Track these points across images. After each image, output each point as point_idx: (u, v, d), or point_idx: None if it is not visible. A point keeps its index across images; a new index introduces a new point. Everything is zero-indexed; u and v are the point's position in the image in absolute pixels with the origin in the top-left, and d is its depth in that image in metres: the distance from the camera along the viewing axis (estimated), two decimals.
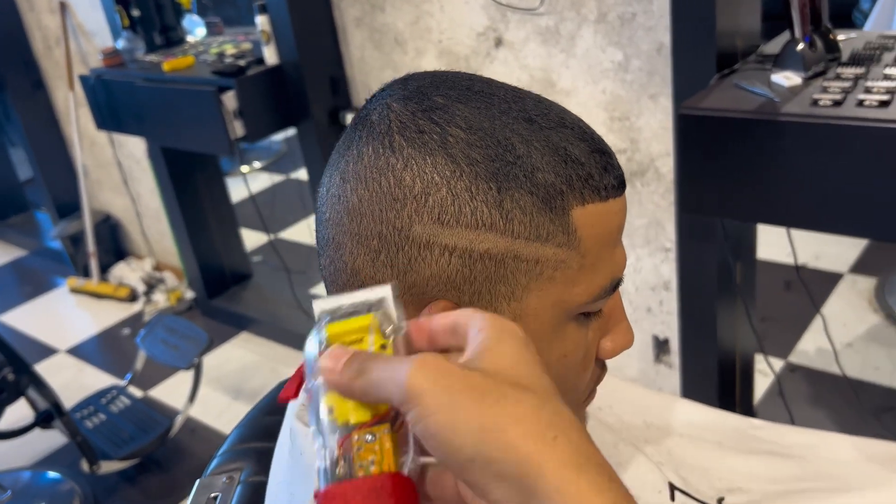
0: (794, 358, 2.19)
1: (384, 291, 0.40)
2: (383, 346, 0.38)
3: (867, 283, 2.47)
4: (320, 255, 0.52)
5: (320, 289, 2.89)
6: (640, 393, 0.82)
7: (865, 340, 2.21)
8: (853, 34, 1.49)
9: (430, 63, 1.93)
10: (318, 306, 0.41)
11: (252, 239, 3.21)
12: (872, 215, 1.15)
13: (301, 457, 0.51)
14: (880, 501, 0.74)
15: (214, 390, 2.48)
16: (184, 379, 2.39)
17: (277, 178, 4.02)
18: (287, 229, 3.38)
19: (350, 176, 0.48)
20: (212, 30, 2.62)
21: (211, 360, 2.57)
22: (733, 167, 1.25)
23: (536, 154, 0.46)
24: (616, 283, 0.50)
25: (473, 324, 0.38)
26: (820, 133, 1.14)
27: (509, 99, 0.49)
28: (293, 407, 0.55)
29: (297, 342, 2.61)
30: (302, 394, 0.56)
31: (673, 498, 0.68)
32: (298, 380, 0.44)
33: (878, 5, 2.13)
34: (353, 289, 0.47)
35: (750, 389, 1.82)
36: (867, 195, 1.14)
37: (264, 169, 4.13)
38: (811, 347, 2.22)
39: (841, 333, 2.21)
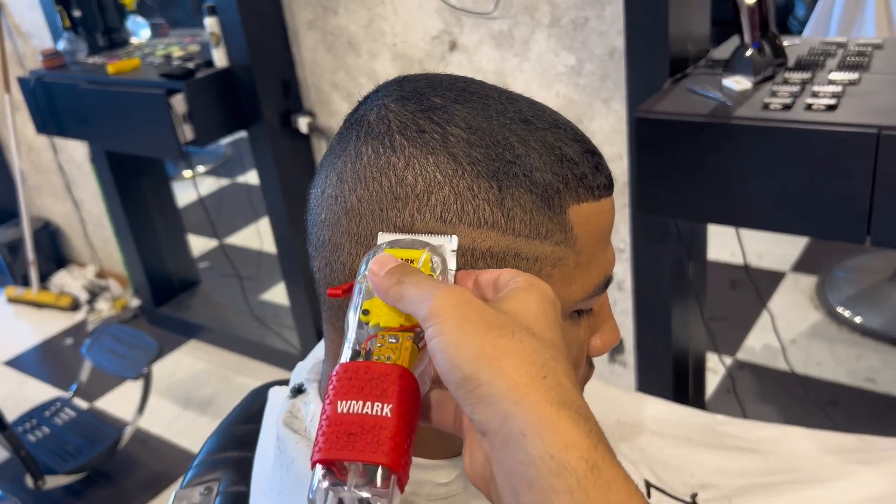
0: (742, 355, 2.25)
1: (445, 240, 0.45)
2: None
3: (808, 282, 2.55)
4: (314, 257, 0.51)
5: (271, 294, 2.85)
6: (609, 391, 0.83)
7: (808, 337, 2.29)
8: (797, 40, 1.55)
9: (383, 66, 1.93)
10: (382, 238, 0.46)
11: (199, 245, 3.15)
12: (821, 214, 1.19)
13: (293, 464, 0.50)
14: (844, 491, 0.76)
15: (164, 399, 2.42)
16: (132, 389, 2.33)
17: (224, 182, 3.95)
18: (235, 234, 3.33)
19: (348, 176, 0.48)
20: (156, 31, 2.56)
21: (159, 370, 2.51)
22: (688, 169, 1.28)
23: (534, 154, 0.47)
24: (607, 281, 0.51)
25: (512, 277, 0.42)
26: (771, 136, 1.18)
27: (503, 100, 0.49)
28: (277, 415, 0.54)
29: (249, 349, 2.57)
30: (285, 403, 0.55)
31: (649, 495, 0.69)
32: (348, 284, 0.45)
33: (815, 13, 2.21)
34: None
35: (702, 387, 1.86)
36: (816, 195, 1.18)
37: (209, 173, 4.06)
38: (757, 345, 2.28)
39: (785, 330, 2.28)
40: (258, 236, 3.00)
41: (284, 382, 0.69)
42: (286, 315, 2.52)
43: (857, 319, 2.33)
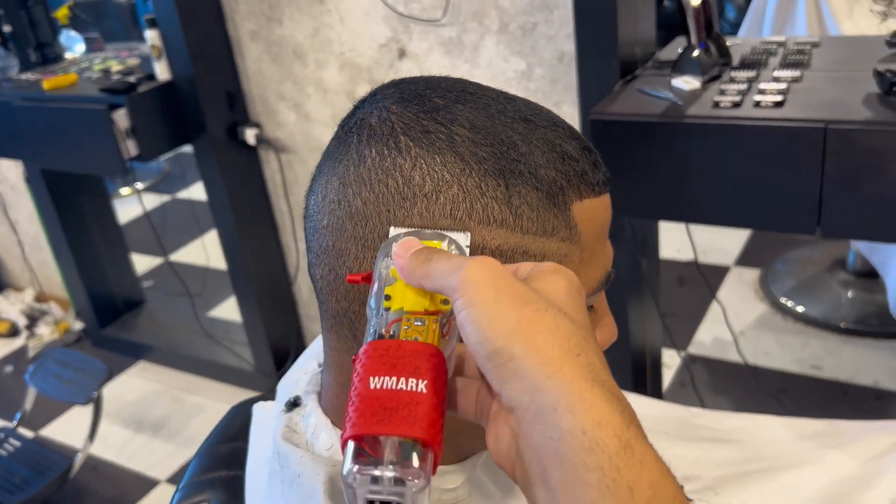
0: (693, 349, 2.30)
1: (459, 236, 0.45)
2: None
3: (752, 275, 2.63)
4: (315, 264, 0.50)
5: (219, 311, 2.80)
6: None
7: (755, 328, 2.35)
8: (738, 40, 1.59)
9: (331, 76, 1.91)
10: (393, 231, 0.46)
11: (141, 263, 3.07)
12: (773, 208, 1.22)
13: (299, 479, 0.49)
14: (816, 475, 0.78)
15: (114, 424, 2.35)
16: (79, 415, 2.26)
17: (164, 198, 3.86)
18: (179, 251, 3.25)
19: (351, 179, 0.47)
20: (91, 46, 2.50)
21: (107, 393, 2.42)
22: (643, 168, 1.30)
23: (537, 152, 0.48)
24: (608, 277, 0.52)
25: (535, 265, 0.42)
26: (723, 133, 1.21)
27: (502, 100, 0.50)
28: (272, 430, 0.53)
29: (200, 368, 2.51)
30: (280, 418, 0.54)
31: None
32: (368, 273, 0.45)
33: (749, 14, 2.28)
34: (356, 297, 0.48)
35: (659, 382, 1.90)
36: (767, 189, 1.21)
37: (149, 190, 3.96)
38: (707, 338, 2.34)
39: (733, 323, 2.34)
40: (204, 252, 2.94)
41: (263, 398, 0.67)
42: (237, 331, 2.47)
43: (800, 309, 2.41)
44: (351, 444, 0.36)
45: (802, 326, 2.34)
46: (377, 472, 0.35)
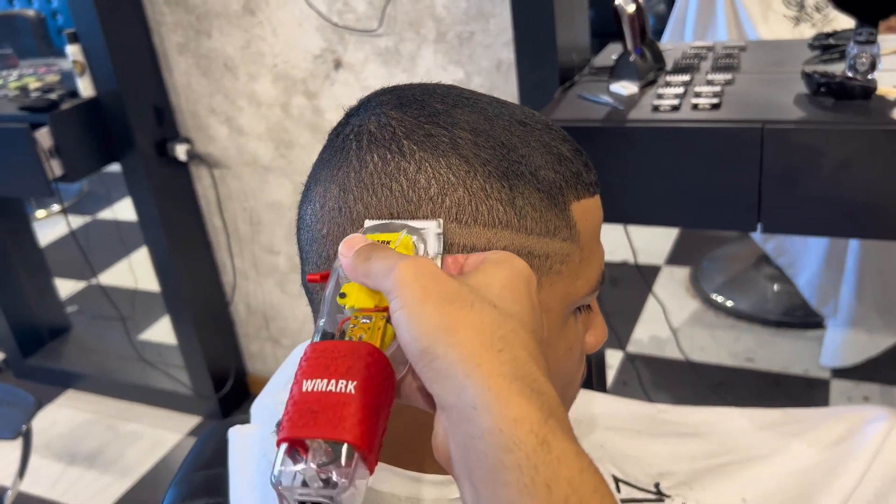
0: (632, 348, 2.35)
1: (429, 223, 0.44)
2: None
3: (682, 273, 2.71)
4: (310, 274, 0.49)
5: (148, 334, 2.71)
6: None
7: (690, 324, 2.42)
8: (668, 46, 1.64)
9: (265, 88, 1.88)
10: (369, 223, 0.45)
11: (64, 288, 2.94)
12: (715, 207, 1.26)
13: None
14: (783, 465, 0.81)
15: (44, 458, 2.24)
16: (7, 450, 2.14)
17: (85, 219, 3.72)
18: (103, 273, 3.13)
19: (353, 185, 0.47)
20: (4, 63, 2.38)
21: (35, 425, 2.31)
22: None
23: (536, 154, 0.48)
24: (603, 276, 0.52)
25: (485, 254, 0.42)
26: (665, 136, 1.24)
27: (496, 104, 0.50)
28: (259, 453, 0.51)
29: (134, 394, 2.42)
30: (270, 440, 0.53)
31: (618, 490, 0.71)
32: (326, 272, 0.44)
33: (671, 20, 2.35)
34: None
35: (604, 381, 1.93)
36: (709, 189, 1.25)
37: (67, 211, 3.80)
38: (645, 336, 2.39)
39: (667, 320, 2.40)
40: (131, 273, 2.84)
41: (237, 422, 0.65)
42: (172, 354, 2.40)
43: (729, 304, 2.49)
44: (281, 449, 0.36)
45: (734, 321, 2.42)
46: (304, 473, 0.36)
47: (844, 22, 2.16)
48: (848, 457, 0.80)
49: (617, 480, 0.72)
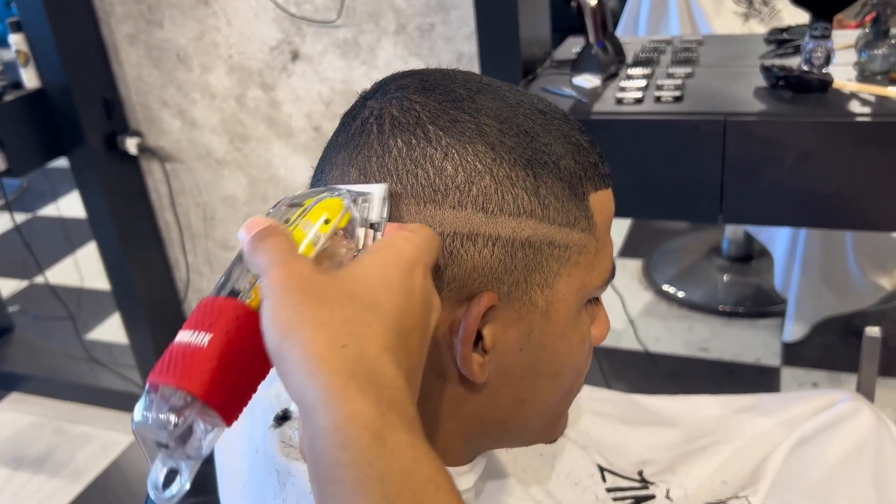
0: None
1: (374, 188, 0.44)
2: (326, 221, 0.42)
3: (635, 265, 2.75)
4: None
5: (99, 332, 2.63)
6: None
7: (644, 315, 2.45)
8: (627, 40, 1.65)
9: (219, 80, 1.84)
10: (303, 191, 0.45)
11: (3, 287, 2.84)
12: (678, 199, 1.28)
13: (309, 496, 0.46)
14: (755, 449, 0.83)
15: None
16: None
17: (25, 216, 3.59)
18: (47, 272, 3.03)
19: (374, 170, 0.45)
20: None
21: None
22: None
23: (556, 143, 0.47)
24: (614, 269, 0.52)
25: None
26: (629, 129, 1.25)
27: (515, 92, 0.49)
28: (265, 448, 0.50)
29: (83, 395, 2.35)
30: (268, 434, 0.51)
31: (604, 479, 0.71)
32: None
33: (624, 16, 2.38)
34: None
35: None
36: (672, 181, 1.27)
37: (10, 207, 3.67)
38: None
39: (622, 312, 2.44)
40: (77, 271, 2.75)
41: None
42: (122, 353, 2.33)
43: (681, 295, 2.53)
44: (146, 391, 0.38)
45: (687, 311, 2.46)
46: (150, 416, 0.37)
47: (790, 16, 2.21)
48: (814, 436, 0.82)
49: (602, 470, 0.72)
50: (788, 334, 2.20)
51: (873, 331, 1.16)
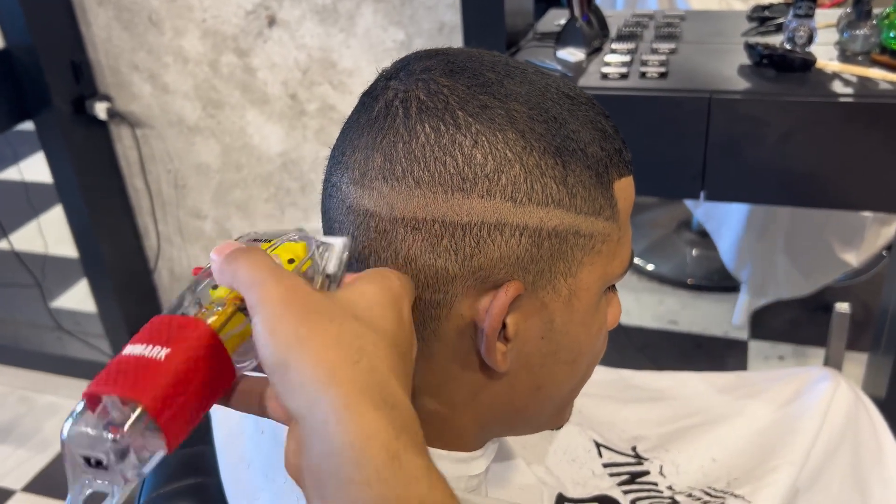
0: None
1: (335, 241, 0.44)
2: (291, 261, 0.42)
3: None
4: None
5: (64, 300, 2.58)
6: None
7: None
8: (608, 13, 1.65)
9: (192, 44, 1.79)
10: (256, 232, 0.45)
11: None
12: (661, 175, 1.28)
13: None
14: (742, 427, 0.84)
15: None
16: None
17: None
18: (10, 237, 2.95)
19: (400, 157, 0.44)
20: None
21: None
22: None
23: (583, 129, 0.46)
24: (633, 257, 0.52)
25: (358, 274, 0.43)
26: (614, 104, 1.25)
27: (540, 75, 0.48)
28: (278, 427, 0.49)
29: (48, 364, 2.31)
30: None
31: (600, 455, 0.72)
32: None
33: None
34: None
35: None
36: (656, 158, 1.27)
37: None
38: None
39: None
40: (41, 237, 2.68)
41: None
42: (90, 322, 2.29)
43: (650, 267, 2.57)
44: (79, 404, 0.36)
45: (657, 285, 2.50)
46: (86, 430, 0.34)
47: None
48: (801, 415, 0.84)
49: (598, 445, 0.73)
50: (739, 316, 2.24)
51: (843, 307, 1.19)
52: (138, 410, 0.34)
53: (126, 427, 0.34)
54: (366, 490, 0.32)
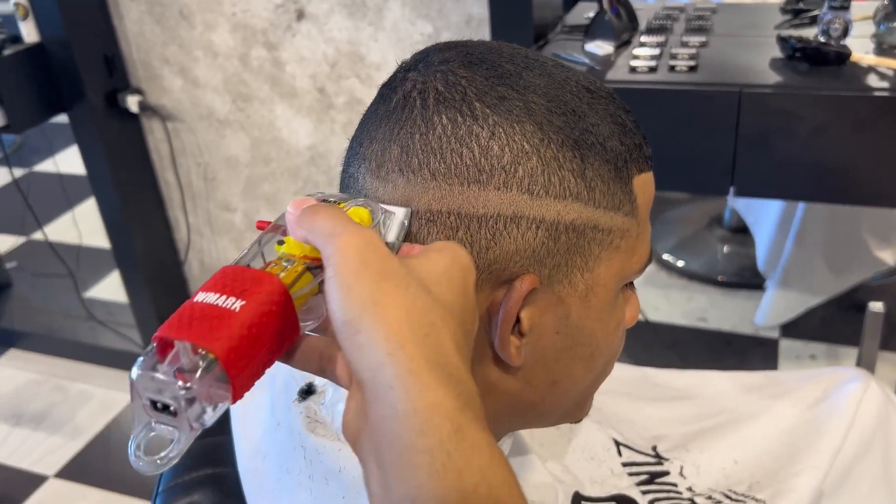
0: None
1: (398, 210, 0.44)
2: None
3: None
4: None
5: (98, 290, 2.62)
6: None
7: (643, 285, 2.45)
8: (638, 6, 1.63)
9: (222, 38, 1.81)
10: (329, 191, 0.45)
11: (1, 244, 2.82)
12: (690, 170, 1.27)
13: (340, 474, 0.45)
14: (768, 427, 0.83)
15: None
16: None
17: (20, 172, 3.56)
18: (45, 228, 3.00)
19: (417, 148, 0.44)
20: None
21: None
22: None
23: (603, 123, 0.46)
24: (651, 254, 0.51)
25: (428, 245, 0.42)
26: (642, 97, 1.23)
27: (560, 68, 0.47)
28: (289, 422, 0.49)
29: (82, 353, 2.35)
30: (292, 409, 0.51)
31: (620, 454, 0.71)
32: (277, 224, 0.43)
33: None
34: None
35: None
36: (685, 152, 1.25)
37: (9, 162, 3.63)
38: None
39: None
40: (75, 228, 2.73)
41: None
42: (122, 311, 2.33)
43: (680, 264, 2.53)
44: (150, 346, 0.36)
45: (686, 281, 2.47)
46: (156, 374, 0.34)
47: None
48: (829, 417, 0.82)
49: (618, 444, 0.72)
50: (762, 318, 2.19)
51: (876, 306, 1.16)
52: (210, 359, 0.34)
53: (197, 375, 0.34)
54: (426, 458, 0.32)
